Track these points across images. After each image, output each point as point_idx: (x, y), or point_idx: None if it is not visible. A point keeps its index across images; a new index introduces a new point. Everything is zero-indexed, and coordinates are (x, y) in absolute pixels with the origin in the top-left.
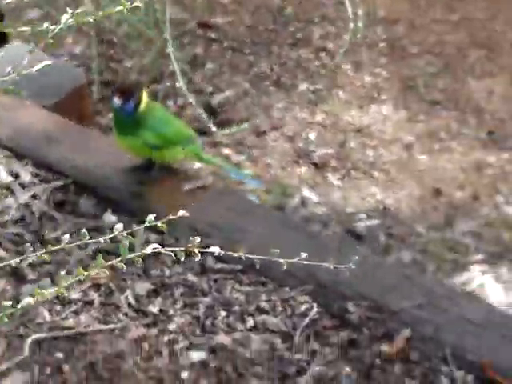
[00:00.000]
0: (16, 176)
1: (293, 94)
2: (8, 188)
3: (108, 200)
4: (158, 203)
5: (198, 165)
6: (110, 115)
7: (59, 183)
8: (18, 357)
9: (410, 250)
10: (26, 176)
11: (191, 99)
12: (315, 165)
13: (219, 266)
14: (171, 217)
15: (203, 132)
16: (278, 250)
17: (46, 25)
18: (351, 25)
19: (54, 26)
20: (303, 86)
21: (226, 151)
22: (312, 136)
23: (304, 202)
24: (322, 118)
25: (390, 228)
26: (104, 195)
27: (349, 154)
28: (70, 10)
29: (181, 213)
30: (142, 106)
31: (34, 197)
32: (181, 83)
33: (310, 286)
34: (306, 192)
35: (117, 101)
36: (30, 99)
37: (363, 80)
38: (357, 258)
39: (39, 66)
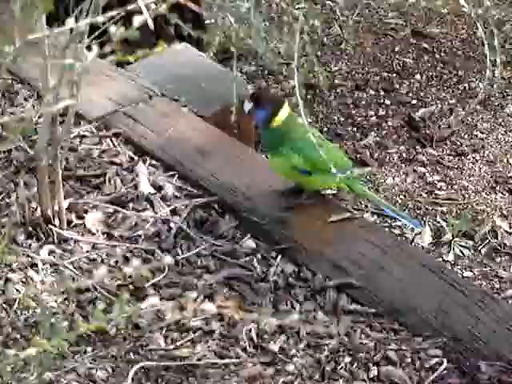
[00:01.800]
0: (159, 188)
1: (500, 115)
2: (148, 200)
3: (250, 223)
4: (301, 232)
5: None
6: None
7: (203, 200)
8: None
9: None
10: (169, 189)
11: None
12: None
13: (353, 306)
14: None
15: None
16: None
17: None
18: None
19: None
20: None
21: (421, 169)
22: None
23: (494, 231)
24: None
25: None
26: (246, 218)
27: None
28: None
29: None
30: (279, 119)
31: (173, 212)
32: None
33: (443, 338)
34: (498, 221)
35: (247, 105)
36: (188, 106)
37: None
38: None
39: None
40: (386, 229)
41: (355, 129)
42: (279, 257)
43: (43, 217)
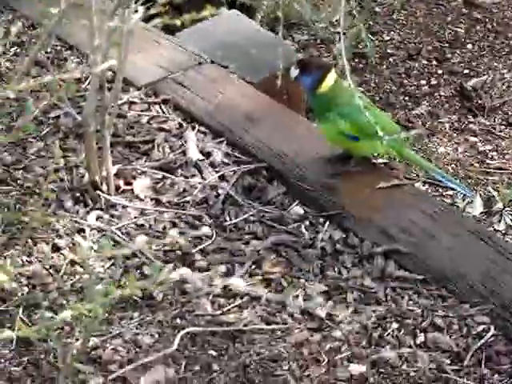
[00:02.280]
0: (207, 155)
1: None
2: (196, 166)
3: (298, 190)
4: (349, 199)
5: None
6: None
7: (251, 166)
8: (167, 349)
9: None
10: (217, 156)
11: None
12: None
13: (400, 273)
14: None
15: (409, 126)
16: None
17: None
18: None
19: None
20: None
21: (472, 139)
22: None
23: None
24: None
25: None
26: (295, 184)
27: None
28: None
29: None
30: (325, 85)
31: (221, 178)
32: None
33: (491, 305)
34: None
35: (293, 71)
36: (237, 74)
37: None
38: None
39: None
40: (437, 197)
41: (407, 98)
42: (327, 223)
43: (91, 183)
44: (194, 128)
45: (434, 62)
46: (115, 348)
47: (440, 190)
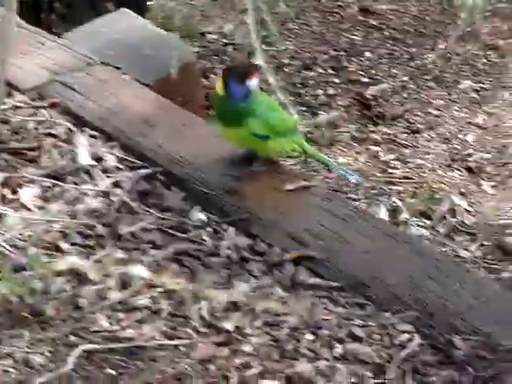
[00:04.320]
0: (99, 160)
1: (454, 91)
2: (88, 173)
3: (199, 195)
4: (254, 203)
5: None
6: None
7: (147, 171)
8: (61, 369)
9: None
10: (110, 161)
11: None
12: (469, 169)
13: (313, 280)
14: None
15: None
16: None
17: None
18: None
19: None
20: (466, 84)
21: (374, 148)
22: (470, 138)
23: (453, 210)
24: (484, 119)
25: None
26: (195, 189)
27: (508, 161)
28: None
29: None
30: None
31: (115, 185)
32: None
33: (414, 312)
34: (456, 199)
35: (253, 82)
36: (130, 75)
37: None
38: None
39: None
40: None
41: (304, 108)
42: (231, 229)
43: None
44: (84, 132)
45: (331, 71)
46: (5, 369)
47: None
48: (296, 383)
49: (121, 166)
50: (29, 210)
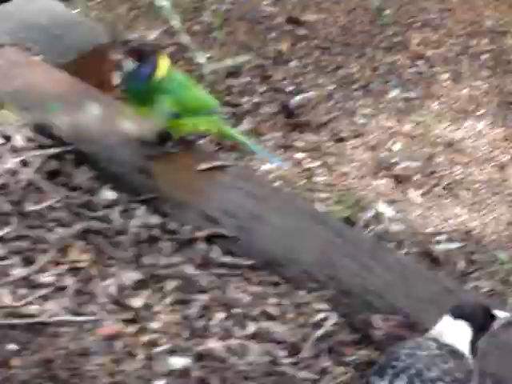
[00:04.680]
0: (7, 139)
1: (381, 100)
2: None
3: (109, 174)
4: (166, 182)
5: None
6: None
7: (56, 151)
8: None
9: (490, 280)
10: (19, 140)
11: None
12: (396, 178)
13: (225, 259)
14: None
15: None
16: None
17: None
18: None
19: None
20: (394, 93)
21: (298, 155)
22: (396, 147)
23: (378, 217)
24: (411, 128)
25: (471, 253)
26: (105, 168)
27: (435, 170)
28: None
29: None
30: (160, 72)
31: (23, 164)
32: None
33: (330, 291)
34: (382, 206)
35: (129, 64)
36: (42, 55)
37: (460, 92)
38: None
39: None
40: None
41: (228, 116)
42: (142, 208)
43: None
44: None
45: (256, 80)
46: None
47: None
48: (206, 361)
49: (30, 145)
50: None
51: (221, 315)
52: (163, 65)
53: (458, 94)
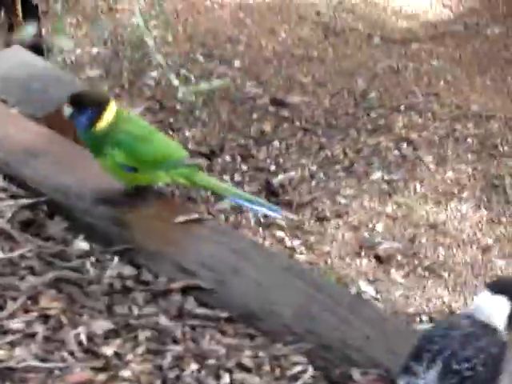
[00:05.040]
0: None
1: (364, 182)
2: None
3: (83, 225)
4: (141, 234)
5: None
6: None
7: (29, 201)
8: None
9: None
10: None
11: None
12: (378, 258)
13: (201, 310)
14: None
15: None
16: None
17: None
18: None
19: None
20: (377, 175)
21: (279, 234)
22: (379, 227)
23: (359, 296)
24: (394, 209)
25: None
26: (79, 219)
27: (418, 251)
28: None
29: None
30: (106, 120)
31: None
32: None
33: (308, 344)
34: (363, 285)
35: (66, 109)
36: (19, 108)
37: (445, 175)
38: None
39: None
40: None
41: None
42: (116, 259)
43: None
44: None
45: (239, 159)
46: None
47: None
48: None
49: (2, 196)
50: None
51: (194, 366)
52: (108, 114)
53: (443, 177)
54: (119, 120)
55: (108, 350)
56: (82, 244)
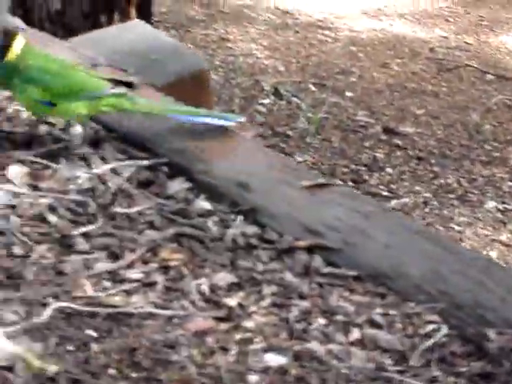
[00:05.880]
0: (98, 147)
1: (478, 210)
2: (84, 159)
3: (204, 186)
4: (264, 196)
5: None
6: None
7: (149, 162)
8: (33, 320)
9: None
10: (109, 150)
11: None
12: None
13: (328, 269)
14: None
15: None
16: None
17: None
18: None
19: None
20: (491, 204)
21: None
22: (493, 254)
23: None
24: (508, 237)
25: None
26: (200, 180)
27: None
28: None
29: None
30: (13, 52)
31: (114, 172)
32: None
33: (441, 304)
34: None
35: None
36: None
37: None
38: None
39: None
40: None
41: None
42: (239, 218)
43: None
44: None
45: (350, 183)
46: None
47: None
48: (305, 361)
49: (120, 157)
50: (15, 185)
51: (322, 321)
52: (16, 46)
53: None
54: (29, 54)
55: (231, 301)
56: (203, 203)
